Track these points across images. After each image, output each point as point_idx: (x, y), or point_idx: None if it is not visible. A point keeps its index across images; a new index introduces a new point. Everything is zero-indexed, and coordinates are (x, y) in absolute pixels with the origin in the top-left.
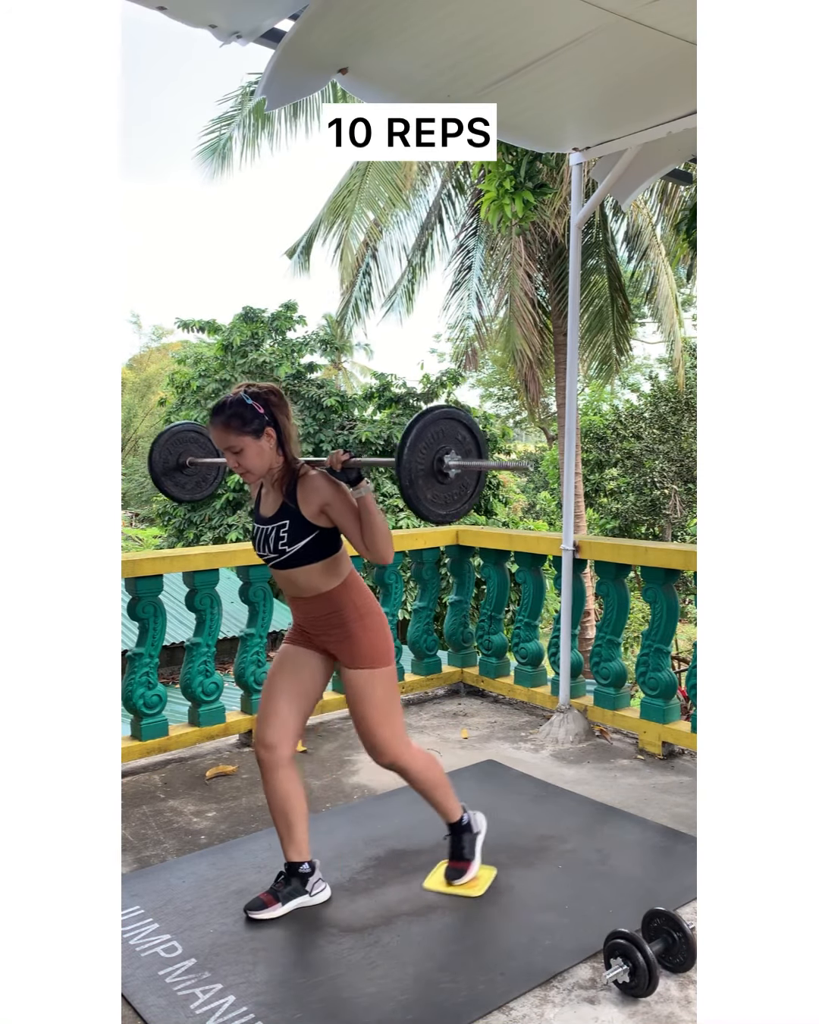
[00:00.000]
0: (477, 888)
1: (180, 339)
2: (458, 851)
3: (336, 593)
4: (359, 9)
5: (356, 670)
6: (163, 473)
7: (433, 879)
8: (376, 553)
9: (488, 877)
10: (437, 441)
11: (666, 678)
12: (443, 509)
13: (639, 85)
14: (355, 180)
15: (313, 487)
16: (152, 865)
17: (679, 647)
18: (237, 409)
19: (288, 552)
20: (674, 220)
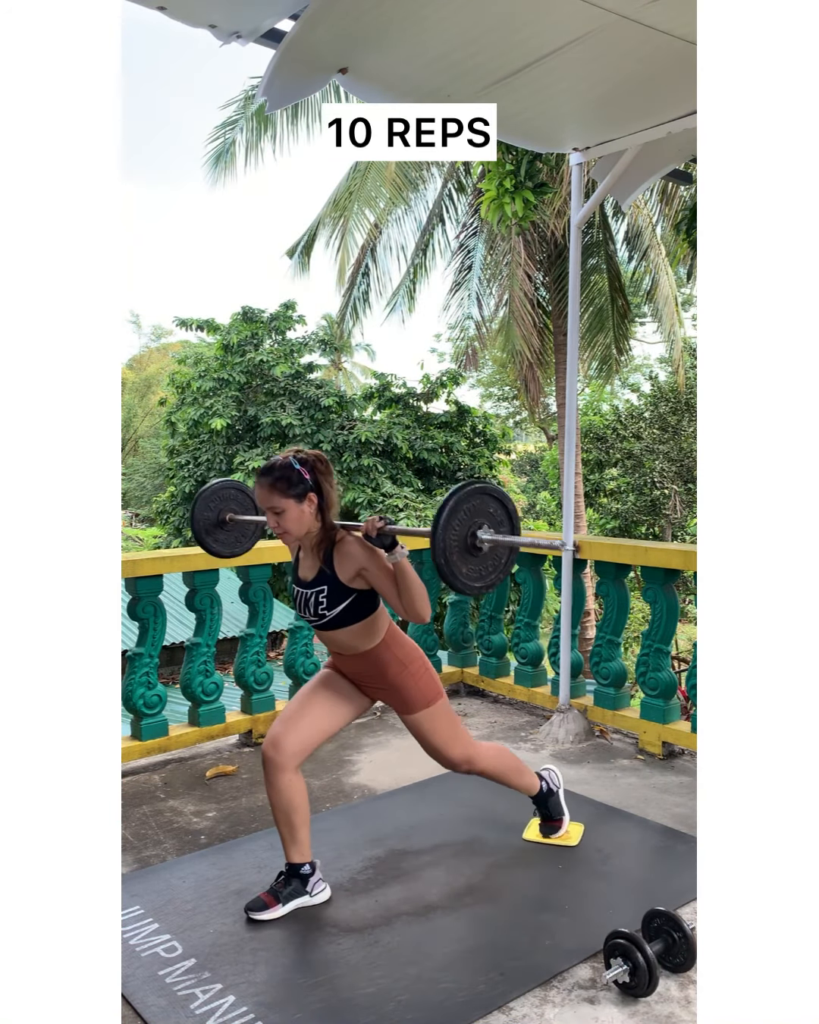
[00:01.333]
0: (572, 839)
1: (180, 339)
2: (546, 815)
3: (377, 651)
4: (359, 9)
5: (414, 715)
6: (205, 530)
7: (531, 831)
8: (414, 614)
9: (578, 831)
10: (470, 516)
11: (666, 678)
12: (479, 582)
13: (639, 85)
14: (355, 181)
15: (349, 553)
16: (152, 865)
17: (679, 647)
18: (285, 472)
19: (328, 616)
20: (674, 220)
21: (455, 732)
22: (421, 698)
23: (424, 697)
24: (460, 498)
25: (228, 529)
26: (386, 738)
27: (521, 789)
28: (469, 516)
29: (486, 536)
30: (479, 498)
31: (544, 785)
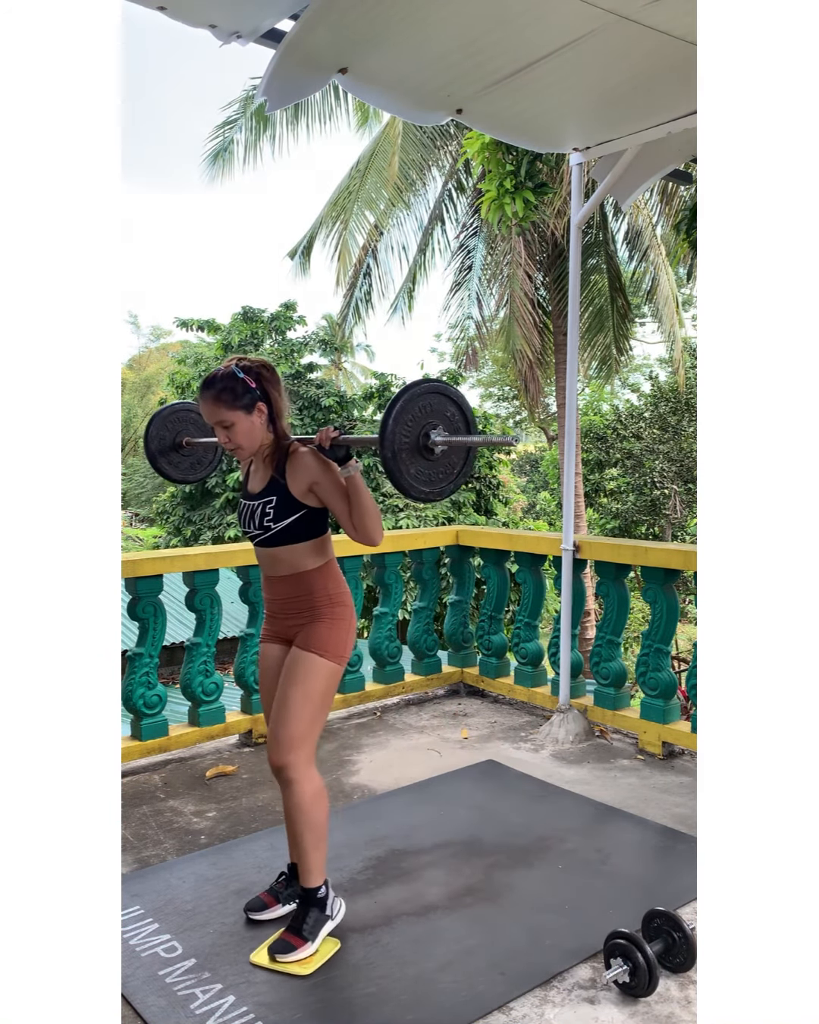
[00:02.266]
0: (307, 966)
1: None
2: (298, 924)
3: (312, 575)
4: (359, 9)
5: (305, 651)
6: (159, 452)
7: (260, 952)
8: (364, 533)
9: (326, 953)
10: (424, 416)
11: (666, 678)
12: (427, 486)
13: (639, 85)
14: (355, 181)
15: (302, 464)
16: (152, 865)
17: (679, 647)
18: (228, 383)
19: (273, 529)
20: (674, 220)
21: (315, 712)
22: (325, 642)
23: (328, 643)
24: (414, 394)
25: (184, 453)
26: (386, 738)
27: (302, 866)
28: (424, 415)
29: (439, 437)
30: (435, 398)
31: (324, 891)
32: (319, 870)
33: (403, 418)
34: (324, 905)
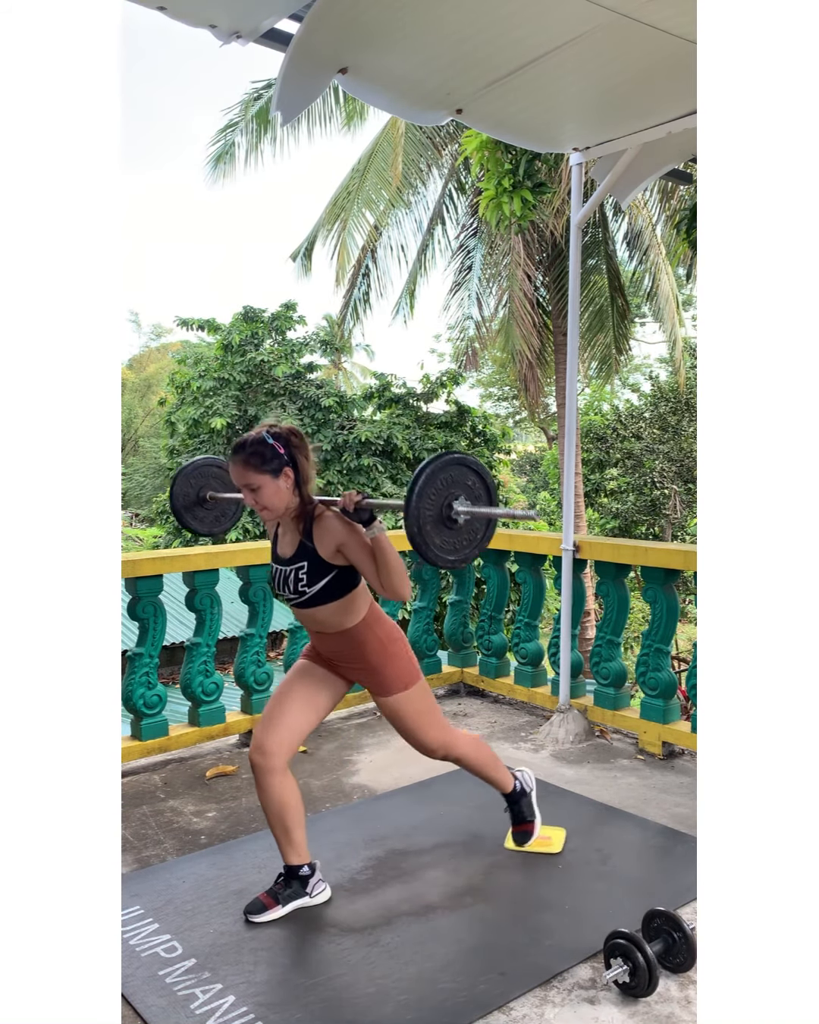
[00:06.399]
0: (553, 845)
1: (180, 339)
2: (519, 815)
3: (358, 630)
4: (358, 9)
5: (391, 697)
6: (184, 507)
7: (510, 839)
8: (392, 591)
9: (560, 837)
10: (446, 487)
11: (666, 678)
12: (452, 555)
13: (639, 85)
14: (354, 181)
15: (329, 528)
16: (152, 865)
17: (679, 647)
18: (257, 448)
19: (308, 593)
20: (674, 220)
21: (432, 716)
22: (399, 680)
23: (402, 679)
24: (437, 467)
25: (208, 507)
26: (386, 738)
27: (495, 783)
28: (446, 486)
29: (462, 508)
30: (457, 469)
31: (517, 784)
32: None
33: (426, 492)
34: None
